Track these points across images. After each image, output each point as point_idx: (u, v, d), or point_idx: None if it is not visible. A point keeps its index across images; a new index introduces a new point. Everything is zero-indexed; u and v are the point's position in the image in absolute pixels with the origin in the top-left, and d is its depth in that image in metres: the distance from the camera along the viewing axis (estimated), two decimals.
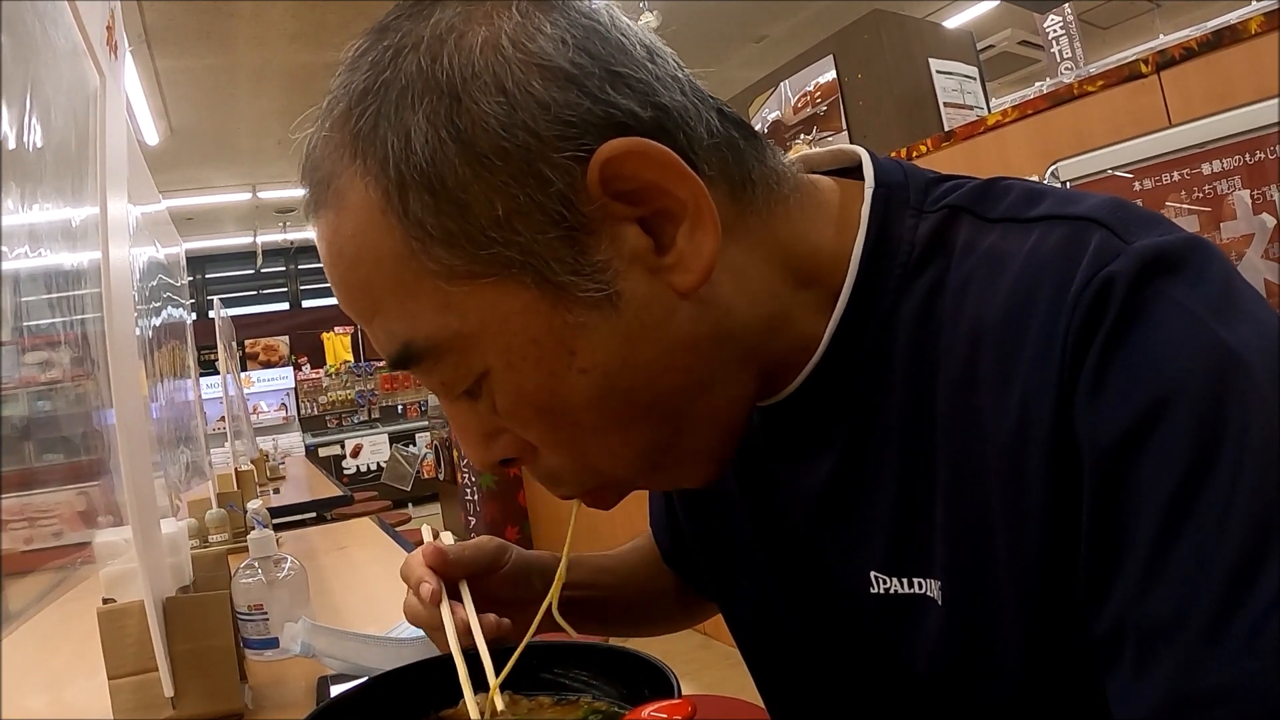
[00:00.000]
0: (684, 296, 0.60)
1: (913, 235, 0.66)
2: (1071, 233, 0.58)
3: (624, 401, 0.61)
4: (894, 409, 0.66)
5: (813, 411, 0.71)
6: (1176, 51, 2.16)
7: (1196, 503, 0.49)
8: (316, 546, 2.95)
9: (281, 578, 1.56)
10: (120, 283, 1.25)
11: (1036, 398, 0.55)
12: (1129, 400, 0.51)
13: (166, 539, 1.36)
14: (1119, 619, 0.51)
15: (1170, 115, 2.18)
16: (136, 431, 1.22)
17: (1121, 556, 0.51)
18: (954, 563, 0.63)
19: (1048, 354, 0.55)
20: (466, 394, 0.63)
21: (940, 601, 0.64)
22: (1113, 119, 2.32)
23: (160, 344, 2.77)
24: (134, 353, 1.32)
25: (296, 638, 1.20)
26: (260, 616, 1.53)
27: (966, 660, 0.63)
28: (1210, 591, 0.47)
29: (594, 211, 0.57)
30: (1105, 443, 0.52)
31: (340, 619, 1.82)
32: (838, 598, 0.74)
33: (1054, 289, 0.55)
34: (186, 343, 3.84)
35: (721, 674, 4.24)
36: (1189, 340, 0.51)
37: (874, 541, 0.69)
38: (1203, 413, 0.50)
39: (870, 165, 0.71)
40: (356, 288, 0.61)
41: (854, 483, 0.70)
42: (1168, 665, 0.48)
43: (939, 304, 0.63)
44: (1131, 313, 0.52)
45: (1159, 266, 0.53)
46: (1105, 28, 8.98)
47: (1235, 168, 2.00)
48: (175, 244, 4.03)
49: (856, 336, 0.67)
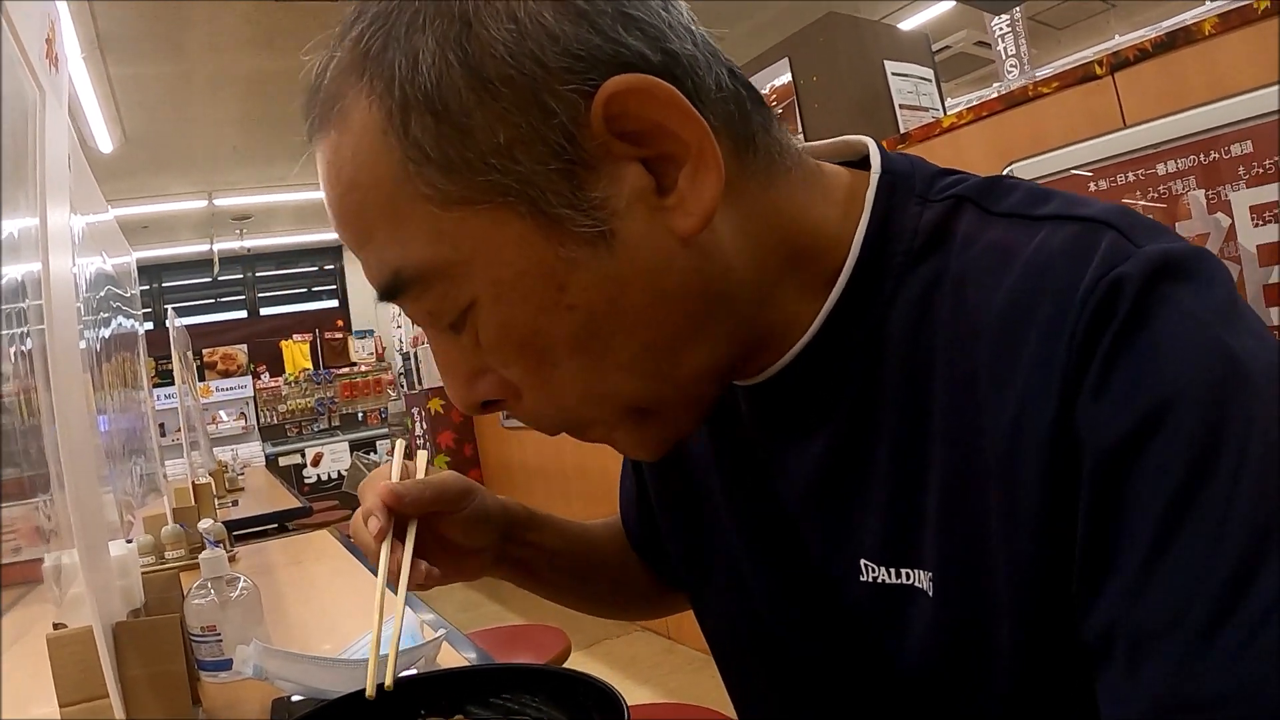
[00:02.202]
0: (683, 241, 0.60)
1: (916, 223, 0.66)
2: (1081, 232, 0.57)
3: (607, 346, 0.61)
4: (889, 395, 0.66)
5: (805, 391, 0.70)
6: (1131, 53, 2.18)
7: (1195, 507, 0.49)
8: (273, 561, 2.92)
9: (235, 598, 1.53)
10: (62, 295, 1.22)
11: (1037, 395, 0.55)
12: (1133, 402, 0.51)
13: (116, 561, 1.33)
14: (1112, 620, 0.51)
15: (1125, 116, 2.19)
16: (81, 450, 1.19)
17: (1117, 557, 0.51)
18: (947, 556, 0.63)
19: (1051, 351, 0.54)
20: (451, 328, 0.62)
21: (930, 593, 0.64)
22: (1068, 120, 2.33)
23: (110, 356, 2.72)
24: (78, 367, 1.29)
25: (249, 661, 1.18)
26: (214, 638, 1.50)
27: (956, 655, 0.63)
28: (1206, 595, 0.47)
29: (596, 148, 0.57)
30: (1107, 443, 0.52)
31: (296, 637, 1.80)
32: (824, 585, 0.73)
33: (1061, 286, 0.55)
34: (138, 354, 3.79)
35: (687, 678, 4.24)
36: (1195, 345, 0.51)
37: (866, 529, 0.68)
38: (1206, 418, 0.50)
39: (877, 153, 0.71)
40: (351, 212, 0.62)
41: (846, 467, 0.69)
42: (1161, 668, 0.48)
43: (939, 293, 0.64)
44: (1140, 315, 0.52)
45: (1168, 272, 0.53)
46: (1060, 28, 9.07)
47: (1190, 168, 2.02)
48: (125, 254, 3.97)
49: (854, 317, 0.67)
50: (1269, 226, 1.89)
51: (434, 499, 0.83)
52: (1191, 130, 2.01)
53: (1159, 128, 2.06)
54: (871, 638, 0.70)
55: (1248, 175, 1.92)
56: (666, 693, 4.14)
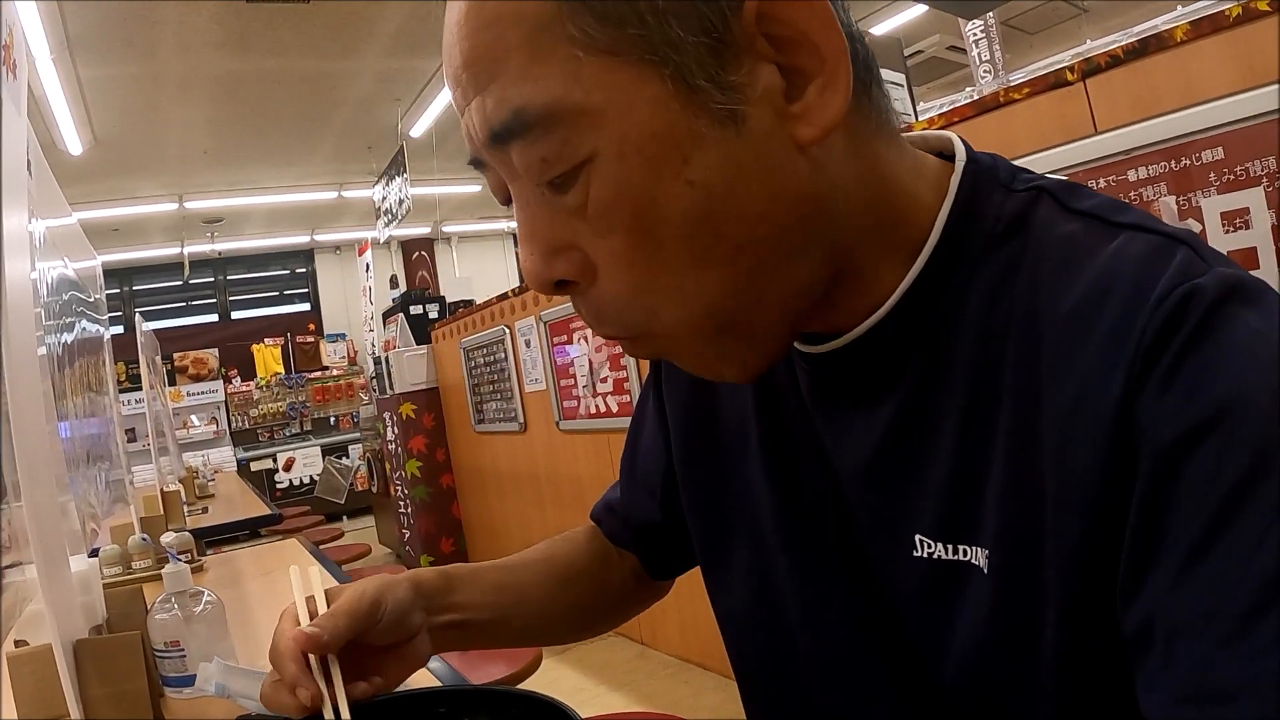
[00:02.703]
0: (800, 149, 0.60)
1: (999, 210, 0.68)
2: (1159, 245, 0.59)
3: (715, 235, 0.60)
4: (960, 371, 0.67)
5: (877, 359, 0.71)
6: (1102, 59, 2.18)
7: (1244, 508, 0.50)
8: (242, 571, 2.89)
9: (198, 612, 1.50)
10: (19, 301, 1.20)
11: (1099, 385, 0.57)
12: (1196, 402, 0.53)
13: (77, 577, 1.31)
14: (1151, 612, 0.53)
15: (1096, 122, 2.20)
16: (39, 461, 1.17)
17: (1163, 551, 0.53)
18: (1005, 533, 0.63)
19: (1119, 346, 0.56)
20: (554, 186, 0.60)
21: (986, 571, 0.64)
22: (1039, 126, 2.34)
23: (73, 361, 2.69)
24: (36, 373, 1.26)
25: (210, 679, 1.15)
26: (177, 653, 1.47)
27: (1007, 636, 0.64)
28: (1242, 593, 0.49)
29: (743, 38, 0.57)
30: (1166, 438, 0.53)
31: (262, 649, 1.76)
32: (867, 563, 0.74)
33: (1133, 288, 0.57)
34: (104, 358, 3.74)
35: (661, 684, 4.23)
36: (1259, 359, 0.53)
37: (924, 503, 0.69)
38: (1264, 425, 0.51)
39: (961, 145, 0.73)
40: (482, 48, 0.59)
41: (911, 439, 0.70)
42: (1191, 657, 0.50)
43: (1016, 277, 0.65)
44: (1210, 324, 0.54)
45: (1238, 294, 0.55)
46: (1033, 33, 9.14)
47: (1161, 174, 2.02)
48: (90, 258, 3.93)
49: (933, 293, 0.68)
50: (1239, 232, 1.90)
51: (350, 626, 0.81)
52: (1163, 136, 2.02)
53: (1131, 134, 2.07)
54: (926, 615, 0.70)
55: (1219, 181, 1.93)
56: (640, 699, 4.13)
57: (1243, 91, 1.89)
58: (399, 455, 7.74)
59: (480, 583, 0.98)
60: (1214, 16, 1.99)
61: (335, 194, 11.89)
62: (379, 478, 8.67)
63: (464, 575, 0.98)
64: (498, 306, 6.09)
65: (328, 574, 2.54)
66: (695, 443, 0.93)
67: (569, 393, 5.18)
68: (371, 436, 8.83)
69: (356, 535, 7.58)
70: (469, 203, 13.39)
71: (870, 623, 0.75)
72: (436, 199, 11.84)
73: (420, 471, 7.62)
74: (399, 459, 7.75)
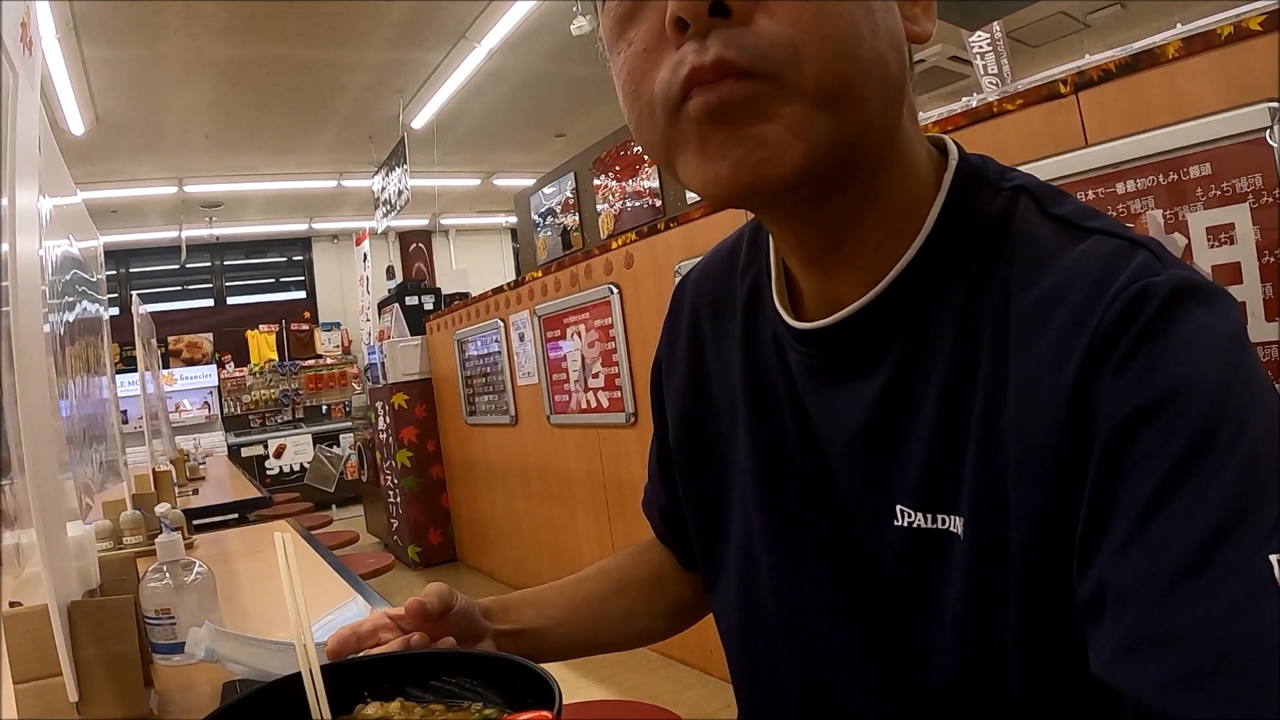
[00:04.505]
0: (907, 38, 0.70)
1: (986, 208, 0.74)
2: (1123, 247, 0.65)
3: (870, 25, 0.64)
4: (944, 348, 0.71)
5: (868, 334, 0.76)
6: (1095, 73, 2.20)
7: (1187, 479, 0.55)
8: (231, 549, 2.92)
9: (189, 582, 1.53)
10: (28, 278, 1.23)
11: (1053, 365, 0.62)
12: (1148, 384, 0.58)
13: (73, 542, 1.33)
14: (1101, 578, 0.57)
15: (1087, 135, 2.22)
16: (42, 433, 1.20)
17: (1113, 521, 0.57)
18: (978, 501, 0.68)
19: (1077, 333, 0.61)
20: None
21: (962, 537, 0.69)
22: (1030, 137, 2.36)
23: (74, 340, 2.70)
24: (42, 351, 1.29)
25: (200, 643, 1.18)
26: (168, 621, 1.50)
27: (982, 604, 0.68)
28: (1182, 552, 0.53)
29: None
30: (1119, 417, 0.58)
31: (250, 623, 1.80)
32: (857, 532, 0.78)
33: (1094, 283, 0.63)
34: (102, 339, 3.76)
35: (642, 678, 4.25)
36: (1208, 350, 0.58)
37: (906, 473, 0.73)
38: (1209, 406, 0.56)
39: (954, 144, 0.79)
40: None
41: (896, 413, 0.74)
42: (1133, 613, 0.54)
43: (996, 268, 0.70)
44: (1165, 317, 0.59)
45: (1193, 294, 0.61)
46: (1035, 46, 9.14)
47: (1149, 188, 2.05)
48: (93, 238, 3.95)
49: (924, 278, 0.73)
50: (1224, 247, 1.92)
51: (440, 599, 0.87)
52: (1152, 151, 2.04)
53: (1120, 147, 2.09)
54: (904, 586, 0.74)
55: (1205, 197, 1.95)
56: (621, 691, 4.15)
57: (1232, 109, 1.91)
58: (390, 445, 7.75)
59: (535, 601, 1.03)
60: (1206, 34, 2.01)
61: (335, 183, 11.87)
62: (369, 467, 8.67)
63: (517, 598, 1.02)
64: (493, 300, 6.10)
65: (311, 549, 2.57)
66: (691, 435, 0.97)
67: (561, 387, 5.20)
68: (363, 426, 8.83)
69: (345, 523, 7.57)
70: (467, 196, 13.39)
71: (854, 594, 0.78)
72: (436, 191, 11.84)
73: (410, 462, 7.63)
74: (390, 449, 7.76)
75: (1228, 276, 1.91)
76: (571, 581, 1.09)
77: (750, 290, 0.91)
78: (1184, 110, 2.01)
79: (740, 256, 0.94)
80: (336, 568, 2.29)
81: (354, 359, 13.26)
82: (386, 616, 0.86)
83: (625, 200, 6.77)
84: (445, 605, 0.87)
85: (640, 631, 1.10)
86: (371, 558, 4.86)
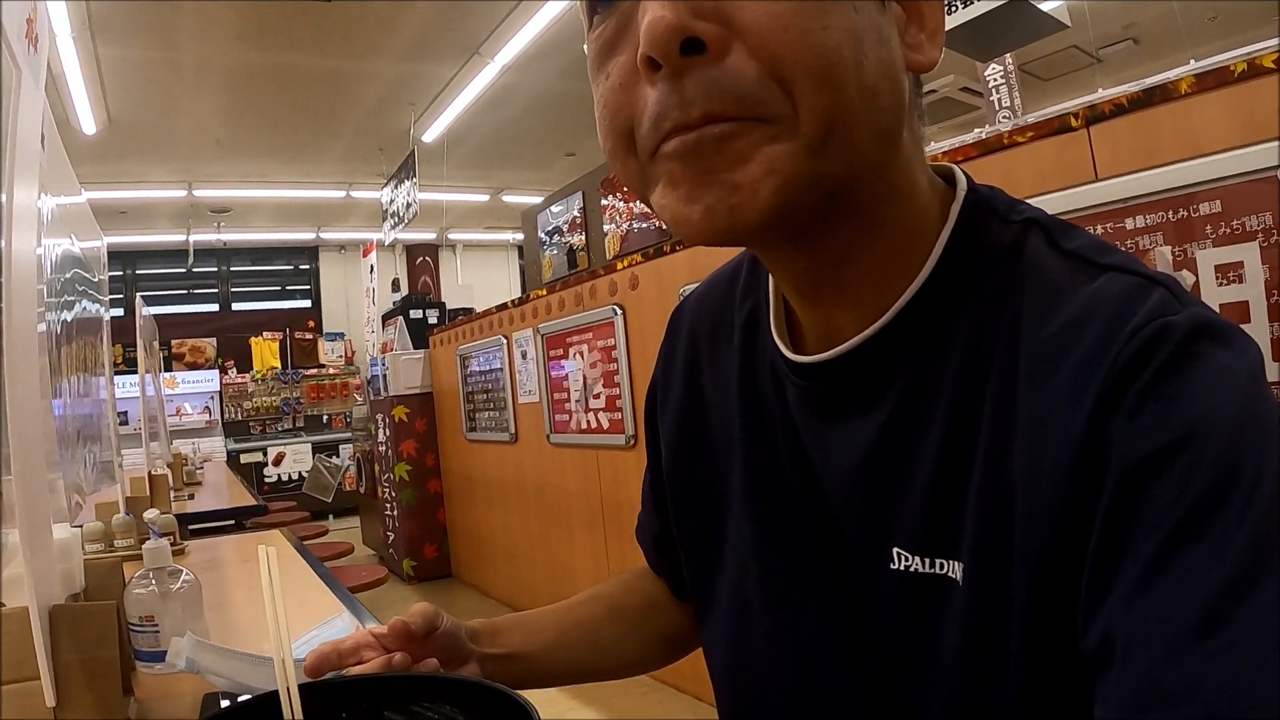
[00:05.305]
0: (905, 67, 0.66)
1: (995, 240, 0.71)
2: (1139, 284, 0.62)
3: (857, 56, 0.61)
4: (947, 386, 0.69)
5: (870, 370, 0.73)
6: (1107, 107, 2.20)
7: (1203, 528, 0.52)
8: (224, 557, 2.90)
9: (175, 590, 1.52)
10: (23, 275, 1.22)
11: (1067, 406, 0.60)
12: (1164, 426, 0.55)
13: (58, 545, 1.32)
14: (1110, 627, 0.54)
15: (1097, 169, 2.21)
16: (30, 432, 1.18)
17: (1124, 568, 0.55)
18: (979, 546, 0.65)
19: (1090, 371, 0.59)
20: None
21: (961, 583, 0.66)
22: (1040, 170, 2.35)
23: (71, 339, 2.70)
24: (34, 348, 1.28)
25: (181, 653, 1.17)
26: (151, 628, 1.48)
27: (982, 650, 0.65)
28: (1197, 604, 0.50)
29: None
30: (1133, 459, 0.56)
31: (237, 632, 1.78)
32: (852, 573, 0.76)
33: (1110, 320, 0.60)
34: (102, 339, 3.75)
35: (632, 702, 4.22)
36: (1226, 392, 0.56)
37: (903, 515, 0.71)
38: (1227, 452, 0.54)
39: (963, 175, 0.76)
40: None
41: (896, 451, 0.72)
42: (1144, 666, 0.51)
43: (1004, 307, 0.68)
44: (1182, 357, 0.57)
45: (1211, 334, 0.58)
46: (1046, 79, 9.17)
47: (1159, 224, 2.04)
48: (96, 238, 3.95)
49: (928, 312, 0.71)
50: (1232, 285, 1.91)
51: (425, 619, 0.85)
52: (1162, 187, 2.03)
53: (1130, 182, 2.08)
54: (897, 630, 0.72)
55: (1214, 234, 1.94)
56: (612, 714, 4.14)
57: (1244, 146, 1.90)
58: (389, 457, 7.74)
59: (525, 625, 1.01)
60: (1219, 71, 2.01)
61: (344, 193, 11.92)
62: (367, 479, 8.66)
63: (506, 621, 1.00)
64: (497, 316, 6.10)
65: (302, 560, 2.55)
66: (685, 463, 0.95)
67: (561, 406, 5.18)
68: (363, 437, 8.83)
69: (341, 534, 7.57)
70: (476, 211, 13.42)
71: (848, 636, 0.76)
72: (444, 205, 11.87)
73: (409, 475, 7.62)
74: (388, 461, 7.74)
75: (1236, 315, 1.89)
76: (563, 607, 1.07)
77: (748, 318, 0.88)
78: (1195, 147, 2.01)
79: (740, 283, 0.92)
80: (326, 580, 2.27)
81: (356, 370, 13.28)
82: (370, 634, 0.85)
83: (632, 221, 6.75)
84: (430, 626, 0.85)
85: (631, 660, 1.08)
86: (365, 570, 4.85)
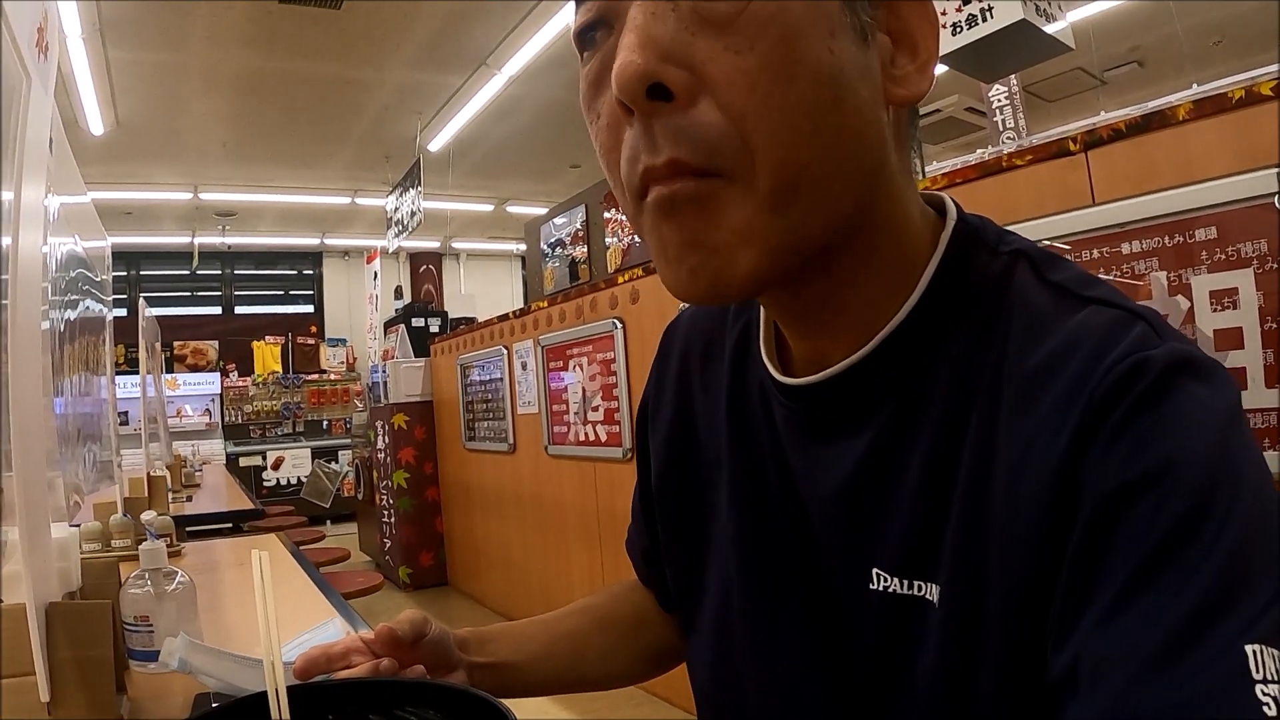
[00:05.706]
0: (888, 102, 0.67)
1: (984, 270, 0.72)
2: (1121, 318, 0.64)
3: (833, 101, 0.62)
4: (931, 416, 0.70)
5: (857, 393, 0.74)
6: (1105, 131, 2.21)
7: (1173, 558, 0.53)
8: (220, 559, 2.91)
9: (170, 591, 1.53)
10: (29, 273, 1.23)
11: (1047, 435, 0.61)
12: (1140, 458, 0.57)
13: (56, 543, 1.33)
14: (1078, 653, 0.55)
15: (1095, 193, 2.22)
16: (33, 429, 1.19)
17: (1094, 595, 0.56)
18: (956, 570, 0.66)
19: (1070, 402, 0.61)
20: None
21: (937, 605, 0.67)
22: (1038, 193, 2.36)
23: (74, 338, 2.71)
24: (38, 346, 1.29)
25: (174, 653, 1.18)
26: (146, 628, 1.49)
27: (954, 674, 0.66)
28: (1164, 630, 0.52)
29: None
30: (1107, 489, 0.57)
31: (230, 634, 1.79)
32: (832, 593, 0.77)
33: (1090, 354, 0.62)
34: (104, 339, 3.76)
35: (624, 713, 4.22)
36: (1202, 427, 0.57)
37: (884, 537, 0.72)
38: (1199, 486, 0.55)
39: (953, 204, 0.77)
40: None
41: (880, 474, 0.72)
42: (1109, 691, 0.52)
43: (990, 336, 0.69)
44: (1159, 390, 0.58)
45: (1189, 368, 0.60)
46: (1050, 101, 9.19)
47: (1154, 249, 2.05)
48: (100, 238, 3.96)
49: (916, 338, 0.72)
50: (1227, 312, 1.92)
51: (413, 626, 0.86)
52: (1159, 212, 2.04)
53: (1127, 207, 2.10)
54: (873, 650, 0.73)
55: (1210, 260, 1.95)
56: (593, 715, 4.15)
57: (1241, 173, 1.91)
58: (387, 464, 7.74)
59: (513, 635, 1.01)
60: (1216, 97, 2.02)
61: (349, 200, 11.93)
62: (366, 485, 8.65)
63: (494, 630, 1.01)
64: (498, 326, 6.11)
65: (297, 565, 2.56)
66: (674, 480, 0.96)
67: (560, 418, 5.19)
68: (362, 443, 8.83)
69: (337, 540, 7.55)
70: (480, 221, 13.43)
71: (828, 654, 0.77)
72: (449, 214, 11.89)
73: (407, 483, 7.62)
74: (387, 468, 7.75)
75: (1230, 341, 1.91)
76: (552, 617, 1.07)
77: (739, 338, 0.90)
78: (1192, 172, 2.02)
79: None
80: (320, 585, 2.27)
81: (357, 376, 13.28)
82: (360, 640, 0.86)
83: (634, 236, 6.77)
84: (417, 633, 0.86)
85: (618, 672, 1.08)
86: (361, 576, 4.85)
